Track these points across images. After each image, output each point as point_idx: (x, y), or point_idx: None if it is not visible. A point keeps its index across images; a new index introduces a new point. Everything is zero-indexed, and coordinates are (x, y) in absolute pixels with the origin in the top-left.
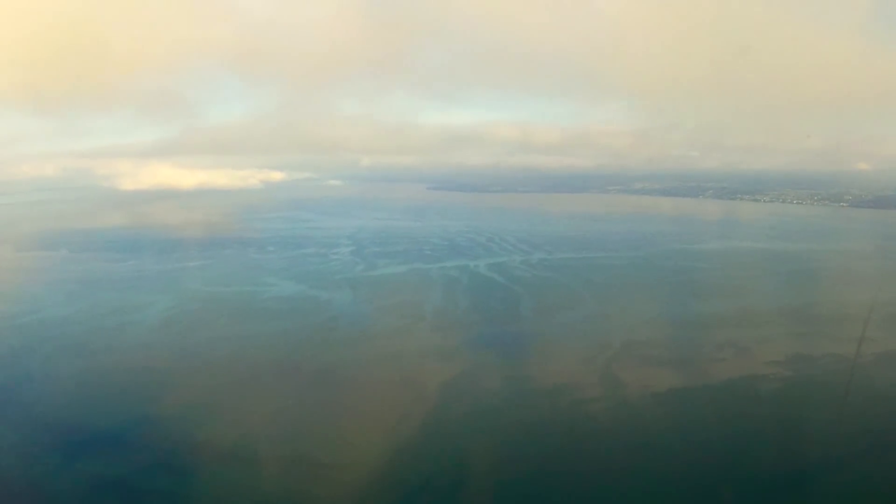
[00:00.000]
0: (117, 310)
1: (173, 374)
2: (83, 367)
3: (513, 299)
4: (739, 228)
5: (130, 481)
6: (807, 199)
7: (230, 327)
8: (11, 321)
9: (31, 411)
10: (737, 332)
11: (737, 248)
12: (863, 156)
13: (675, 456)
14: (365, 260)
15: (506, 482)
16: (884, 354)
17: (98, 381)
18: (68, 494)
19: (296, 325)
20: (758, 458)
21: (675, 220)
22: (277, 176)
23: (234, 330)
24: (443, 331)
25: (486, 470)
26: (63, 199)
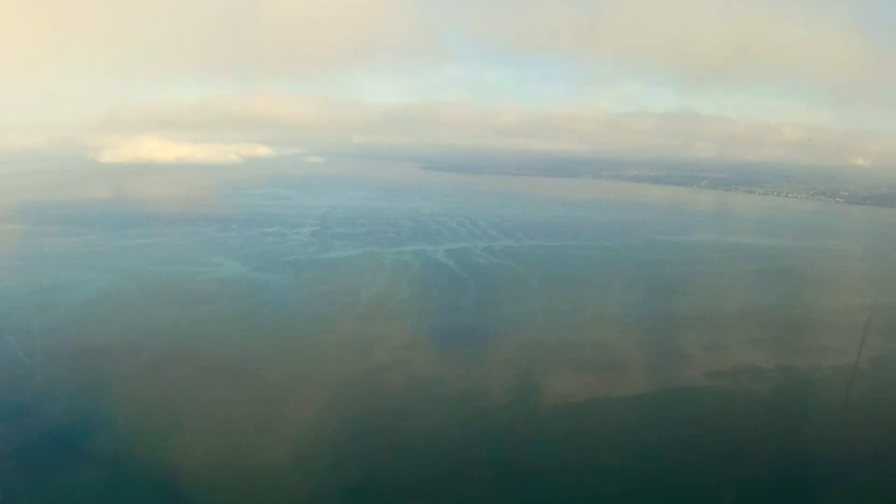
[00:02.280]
0: (50, 288)
1: (68, 358)
2: None
3: (458, 290)
4: (727, 221)
5: None
6: (802, 192)
7: (152, 310)
8: None
9: None
10: (687, 336)
11: (719, 242)
12: (860, 151)
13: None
14: (323, 241)
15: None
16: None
17: None
18: None
19: (219, 310)
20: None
21: (662, 210)
22: (264, 151)
23: (155, 313)
24: (368, 322)
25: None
26: (44, 169)
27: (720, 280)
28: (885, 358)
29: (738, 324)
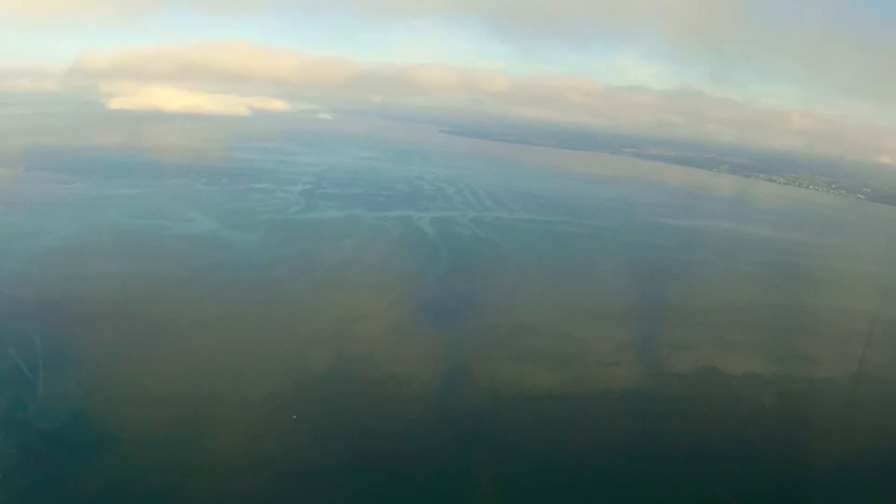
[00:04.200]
0: (12, 236)
1: None
2: None
3: (427, 262)
4: (740, 208)
5: None
6: (823, 185)
7: (103, 265)
8: None
9: None
10: (655, 331)
11: (725, 230)
12: (886, 148)
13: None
14: (309, 201)
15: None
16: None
17: None
18: None
19: (171, 269)
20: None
21: (676, 191)
22: (279, 105)
23: (104, 268)
24: (317, 291)
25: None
26: (51, 113)
27: (712, 272)
28: (872, 374)
29: (717, 321)
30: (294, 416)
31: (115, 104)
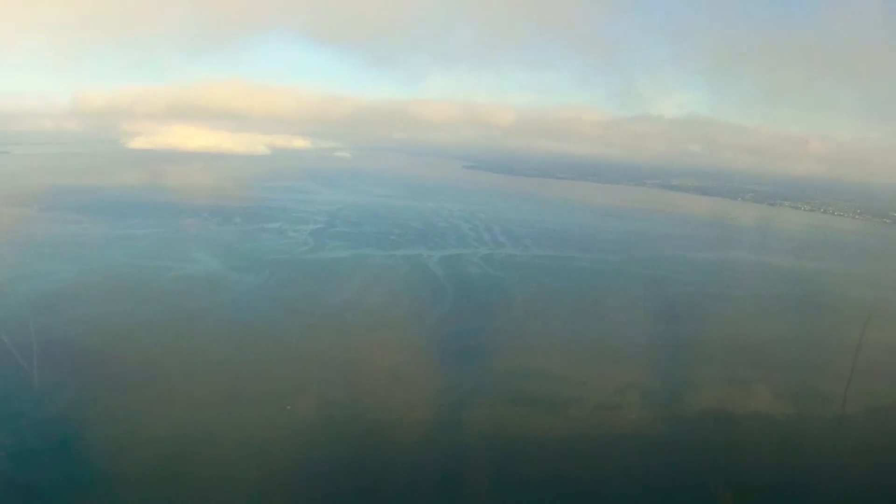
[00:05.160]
0: (11, 278)
1: None
2: None
3: (429, 302)
4: (762, 237)
5: None
6: (849, 210)
7: (98, 307)
8: None
9: None
10: (662, 370)
11: (745, 261)
12: None
13: None
14: (318, 240)
15: None
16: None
17: None
18: None
19: (166, 311)
20: None
21: (698, 222)
22: (301, 143)
23: (98, 311)
24: (311, 334)
25: None
26: (72, 153)
27: (729, 306)
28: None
29: (730, 358)
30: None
31: (136, 143)
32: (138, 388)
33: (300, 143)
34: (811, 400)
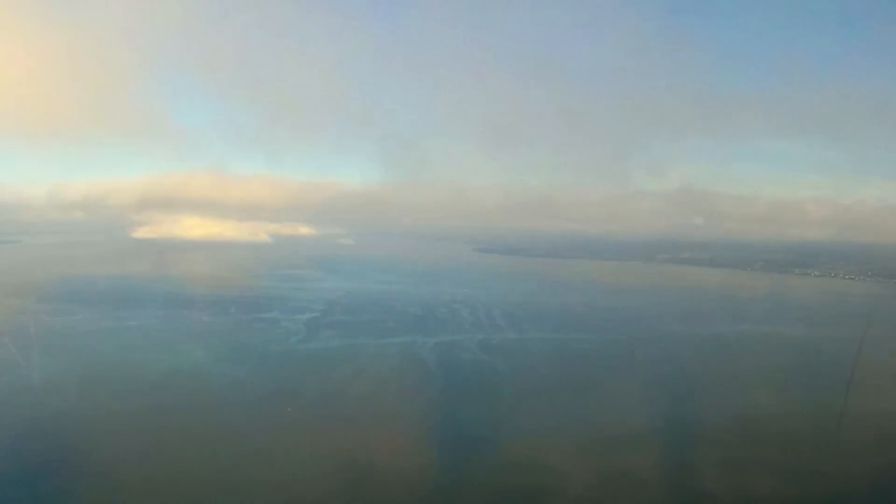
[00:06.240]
0: None
1: None
2: None
3: (417, 392)
4: (769, 307)
5: None
6: (859, 273)
7: (71, 402)
8: None
9: None
10: (653, 456)
11: (749, 334)
12: None
13: None
14: (312, 331)
15: None
16: None
17: None
18: None
19: (140, 406)
20: None
21: (706, 296)
22: (306, 231)
23: (70, 406)
24: (287, 430)
25: None
26: (75, 243)
27: (731, 382)
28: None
29: (727, 438)
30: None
31: (140, 233)
32: (102, 485)
33: (303, 230)
34: (807, 478)
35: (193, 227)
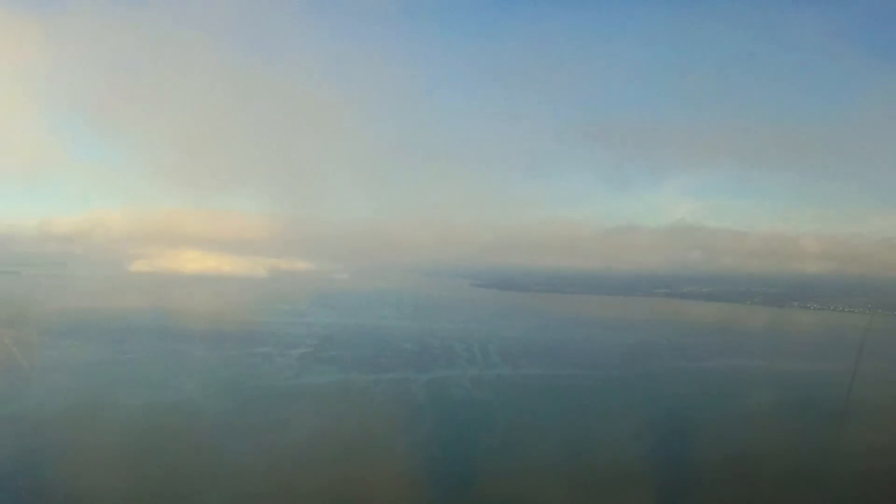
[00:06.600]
0: None
1: None
2: None
3: (405, 429)
4: (770, 341)
5: None
6: (858, 306)
7: (49, 437)
8: None
9: None
10: (643, 498)
11: (745, 368)
12: None
13: None
14: (305, 366)
15: None
16: None
17: None
18: None
19: (118, 443)
20: None
21: (705, 330)
22: (300, 265)
23: (48, 441)
24: (265, 469)
25: None
26: (72, 276)
27: (726, 419)
28: None
29: (721, 476)
30: None
31: (138, 267)
32: None
33: (300, 264)
34: None
35: (191, 262)
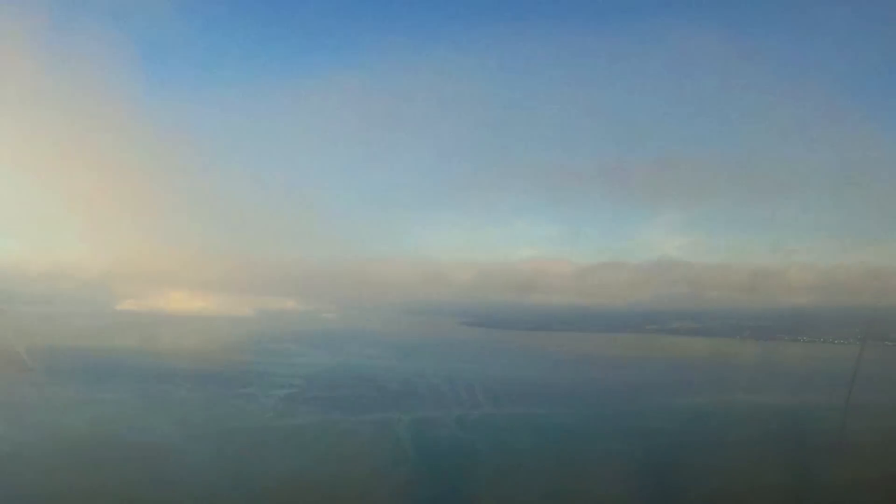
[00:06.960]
0: None
1: None
2: None
3: (385, 471)
4: (760, 375)
5: None
6: (848, 337)
7: (22, 479)
8: None
9: None
10: None
11: (729, 403)
12: None
13: None
14: (288, 406)
15: None
16: None
17: None
18: None
19: (93, 485)
20: None
21: (692, 365)
22: (287, 305)
23: (21, 482)
24: None
25: None
26: (57, 314)
27: (711, 455)
28: None
29: None
30: None
31: (125, 306)
32: None
33: (289, 304)
34: None
35: (179, 301)
